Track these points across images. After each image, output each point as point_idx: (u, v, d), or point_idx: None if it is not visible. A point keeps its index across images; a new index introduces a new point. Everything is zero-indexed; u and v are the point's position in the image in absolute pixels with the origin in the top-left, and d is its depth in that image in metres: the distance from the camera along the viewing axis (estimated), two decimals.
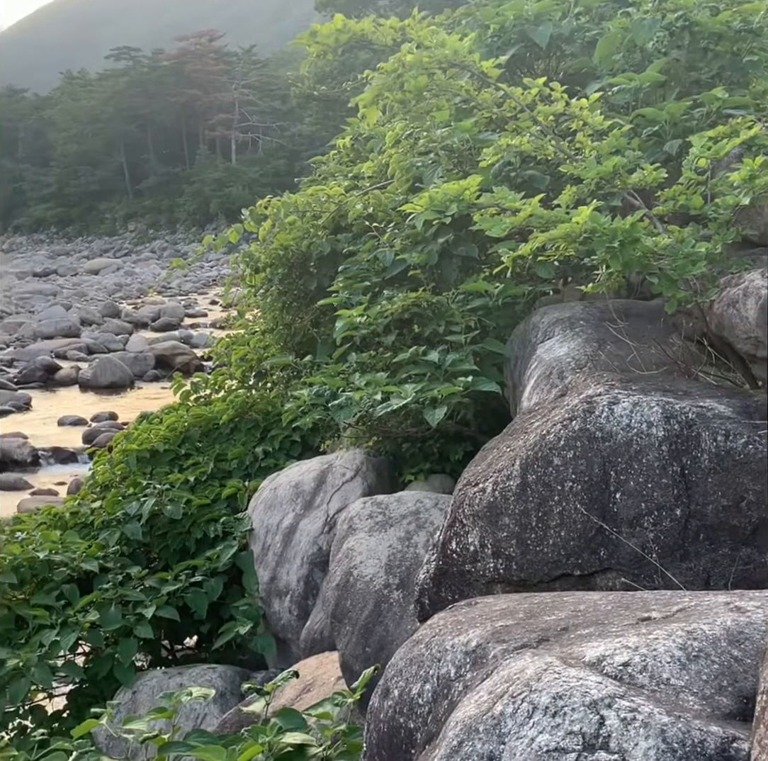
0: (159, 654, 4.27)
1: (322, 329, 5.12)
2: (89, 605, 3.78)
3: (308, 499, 4.13)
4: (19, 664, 3.42)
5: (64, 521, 4.71)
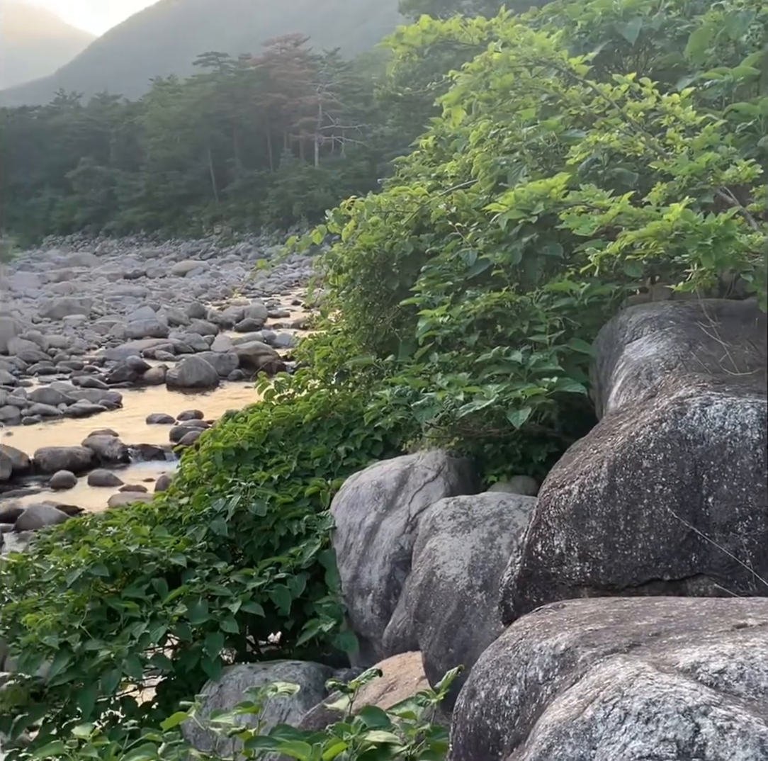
0: (244, 649, 4.34)
1: (403, 329, 5.13)
2: (177, 599, 3.86)
3: (390, 499, 4.13)
4: (110, 656, 3.52)
5: (153, 516, 4.82)
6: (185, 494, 5.17)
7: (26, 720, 3.70)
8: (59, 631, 3.69)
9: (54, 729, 3.63)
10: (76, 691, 3.62)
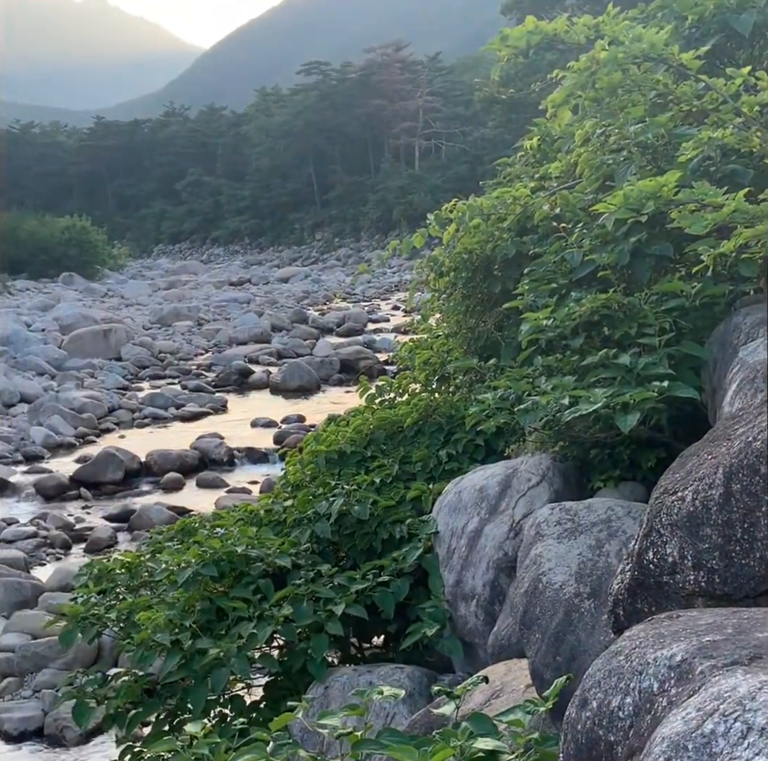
0: (348, 651, 4.37)
1: (506, 332, 5.08)
2: (283, 600, 3.92)
3: (493, 504, 4.10)
4: (219, 654, 3.59)
5: (259, 518, 4.91)
6: (289, 496, 5.24)
7: (140, 716, 3.81)
8: (171, 629, 3.78)
9: (166, 725, 3.73)
10: (186, 688, 3.71)
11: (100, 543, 10.04)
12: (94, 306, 33.23)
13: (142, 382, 20.64)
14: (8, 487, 12.51)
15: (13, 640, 7.14)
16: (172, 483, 12.63)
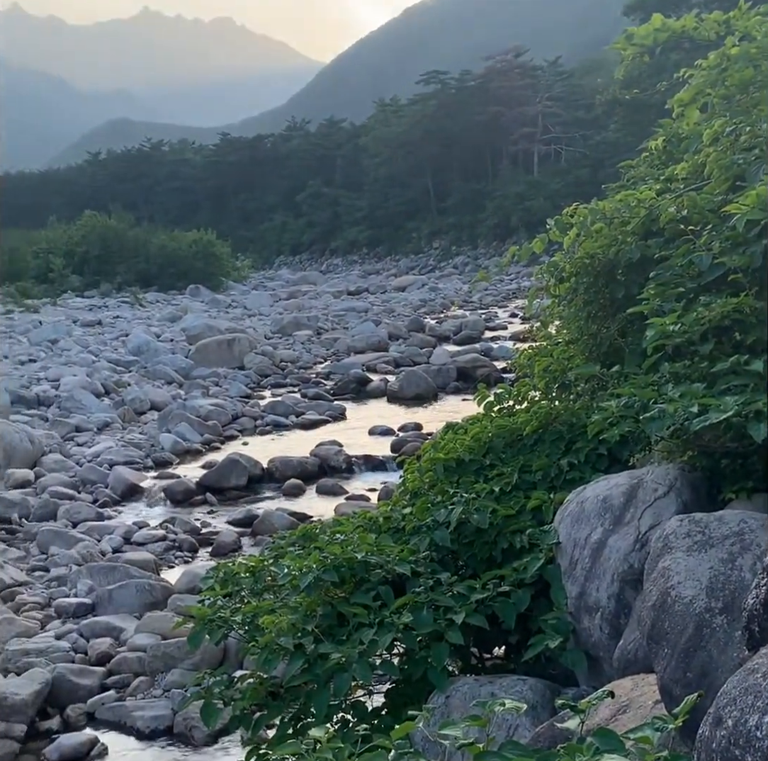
0: (468, 661, 4.34)
1: (629, 338, 4.95)
2: (403, 607, 3.92)
3: (617, 515, 3.99)
4: (341, 659, 3.62)
5: (378, 525, 4.93)
6: (408, 504, 5.25)
7: (265, 718, 3.88)
8: (294, 633, 3.84)
9: (290, 728, 3.78)
10: (309, 692, 3.76)
11: (225, 547, 10.30)
12: (218, 316, 34.24)
13: (263, 391, 21.11)
14: (139, 492, 13.00)
15: (145, 640, 7.39)
16: (293, 489, 12.85)
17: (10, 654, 7.24)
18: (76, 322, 34.78)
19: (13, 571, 9.32)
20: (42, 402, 18.38)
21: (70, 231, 58.36)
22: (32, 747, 6.32)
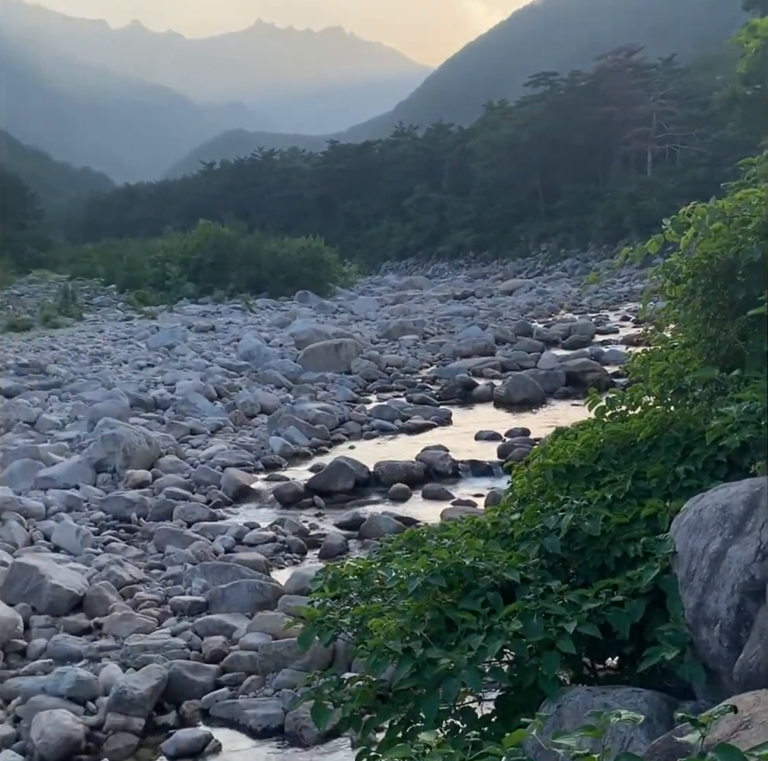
0: (580, 670, 4.24)
1: (750, 341, 4.77)
2: (512, 614, 3.87)
3: (737, 524, 3.84)
4: (450, 665, 3.60)
5: (486, 531, 4.88)
6: (516, 510, 5.18)
7: (374, 721, 3.89)
8: (402, 637, 3.84)
9: (399, 732, 3.78)
10: (418, 697, 3.75)
11: (333, 550, 10.41)
12: (326, 321, 34.73)
13: (370, 395, 21.27)
14: (250, 493, 13.29)
15: (256, 639, 7.53)
16: (399, 493, 12.89)
17: (129, 649, 7.49)
18: (190, 327, 35.84)
19: (132, 569, 9.65)
20: (159, 406, 19.00)
21: (186, 239, 60.24)
22: (150, 740, 6.51)
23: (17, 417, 17.98)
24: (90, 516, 11.86)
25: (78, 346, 31.87)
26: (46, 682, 6.91)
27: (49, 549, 10.41)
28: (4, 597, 8.46)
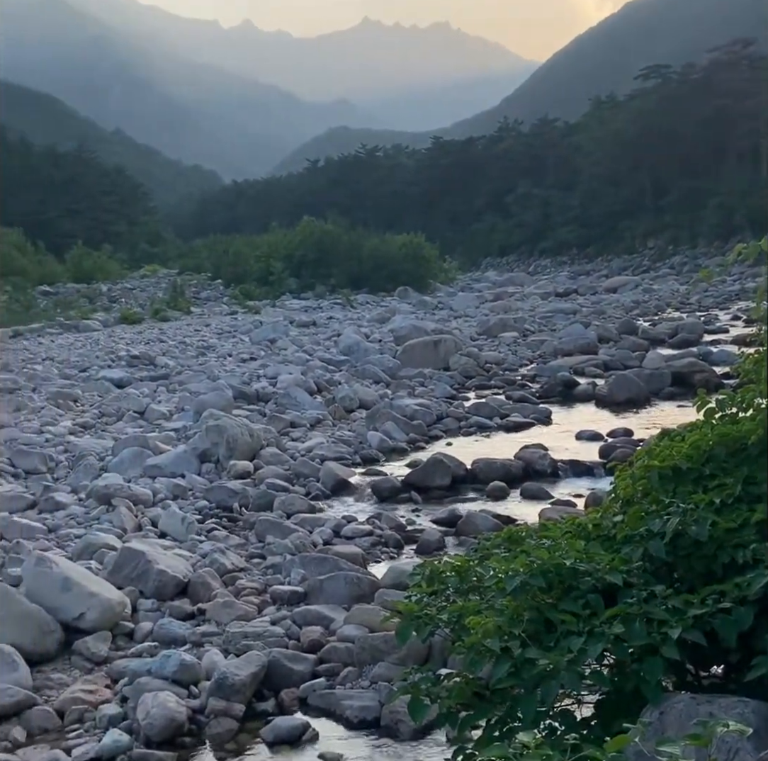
0: (683, 677, 4.14)
1: None
2: (614, 617, 3.80)
3: None
4: (549, 666, 3.56)
5: (587, 532, 4.81)
6: (619, 512, 5.08)
7: (471, 719, 3.88)
8: (500, 636, 3.82)
9: (496, 730, 3.76)
10: (516, 697, 3.72)
11: (430, 546, 10.41)
12: (425, 318, 34.77)
13: (468, 392, 21.18)
14: (348, 487, 13.41)
15: (353, 632, 7.60)
16: (497, 491, 12.80)
17: (231, 636, 7.67)
18: (292, 322, 36.45)
19: (234, 557, 9.87)
20: (261, 398, 19.39)
21: (290, 236, 61.25)
22: (249, 726, 6.64)
23: (128, 407, 18.65)
24: (194, 504, 12.19)
25: (185, 339, 32.84)
26: (152, 664, 7.13)
27: (156, 536, 10.74)
28: (113, 581, 8.77)
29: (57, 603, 7.94)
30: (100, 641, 7.80)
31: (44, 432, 16.34)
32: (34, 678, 7.17)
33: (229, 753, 6.37)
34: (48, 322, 40.91)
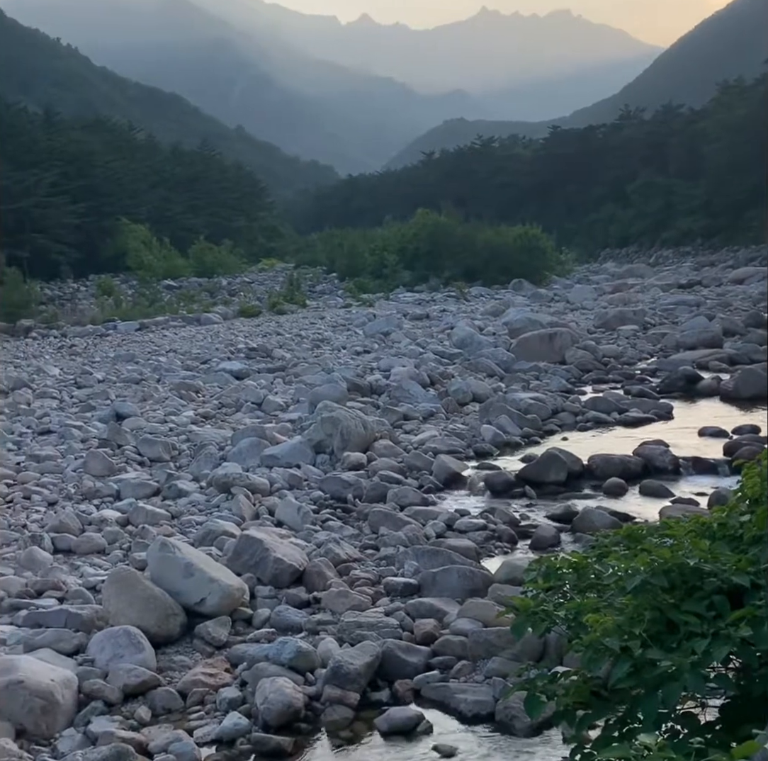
0: None
1: None
2: (740, 620, 3.66)
3: None
4: (671, 667, 3.46)
5: (711, 531, 4.64)
6: (747, 511, 4.89)
7: (590, 718, 3.81)
8: (620, 635, 3.73)
9: (616, 731, 3.68)
10: (636, 697, 3.63)
11: (544, 542, 10.29)
12: (540, 310, 34.28)
13: (584, 386, 20.79)
14: (461, 480, 13.39)
15: (467, 625, 7.58)
16: (614, 488, 12.52)
17: (345, 625, 7.77)
18: (405, 315, 36.56)
19: (348, 548, 10.00)
20: (374, 391, 19.55)
21: (404, 228, 61.44)
22: (364, 716, 6.72)
23: (246, 398, 19.12)
24: (309, 494, 12.40)
25: (301, 331, 33.40)
26: (269, 650, 7.29)
27: (273, 524, 10.98)
28: (232, 567, 9.01)
29: (179, 588, 8.22)
30: (220, 626, 8.03)
31: (168, 422, 16.94)
32: (157, 660, 7.45)
33: (345, 740, 6.46)
34: (172, 315, 42.36)
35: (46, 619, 8.05)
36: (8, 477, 13.23)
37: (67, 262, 61.28)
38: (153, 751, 6.24)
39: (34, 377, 24.20)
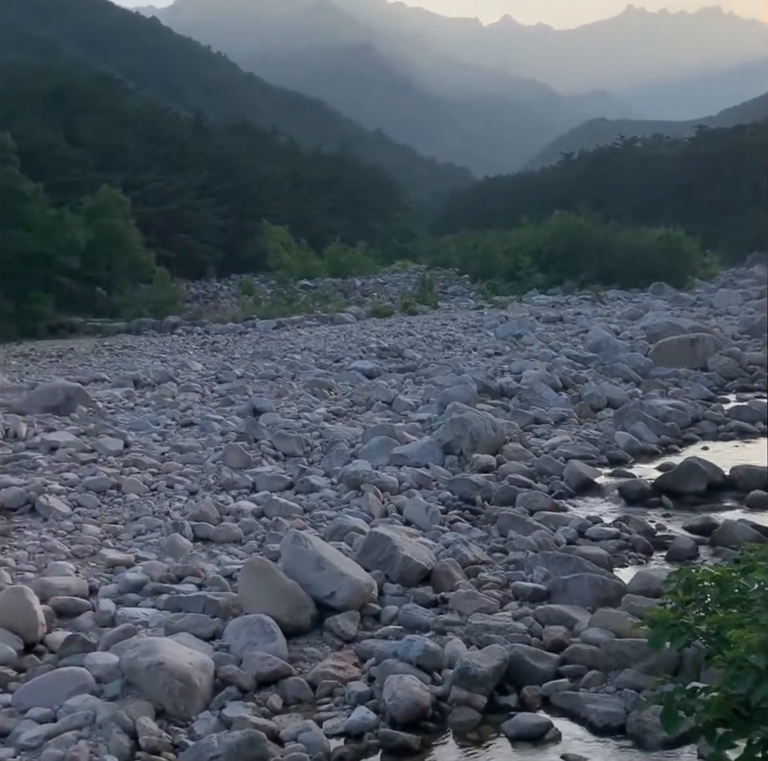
0: None
1: None
2: None
3: None
4: None
5: None
6: None
7: (731, 736, 3.66)
8: (765, 652, 3.58)
9: (758, 752, 3.54)
10: None
11: (682, 554, 9.95)
12: (681, 315, 33.13)
13: (727, 394, 19.99)
14: (593, 487, 13.11)
15: (598, 635, 7.41)
16: (758, 501, 11.98)
17: (473, 627, 7.74)
18: (538, 318, 36.07)
19: (476, 550, 9.96)
20: (504, 393, 19.39)
21: (540, 230, 60.64)
22: (491, 719, 6.67)
23: (377, 397, 19.32)
24: (438, 494, 12.41)
25: (432, 332, 33.46)
26: (397, 647, 7.34)
27: (401, 523, 11.05)
28: (361, 563, 9.12)
29: (310, 580, 8.39)
30: (350, 620, 8.15)
31: (301, 418, 17.31)
32: (288, 650, 7.62)
33: (471, 742, 6.43)
34: (307, 314, 43.26)
35: (186, 604, 8.37)
36: (154, 467, 13.84)
37: (211, 261, 63.60)
38: (284, 739, 6.38)
39: (179, 371, 25.25)
